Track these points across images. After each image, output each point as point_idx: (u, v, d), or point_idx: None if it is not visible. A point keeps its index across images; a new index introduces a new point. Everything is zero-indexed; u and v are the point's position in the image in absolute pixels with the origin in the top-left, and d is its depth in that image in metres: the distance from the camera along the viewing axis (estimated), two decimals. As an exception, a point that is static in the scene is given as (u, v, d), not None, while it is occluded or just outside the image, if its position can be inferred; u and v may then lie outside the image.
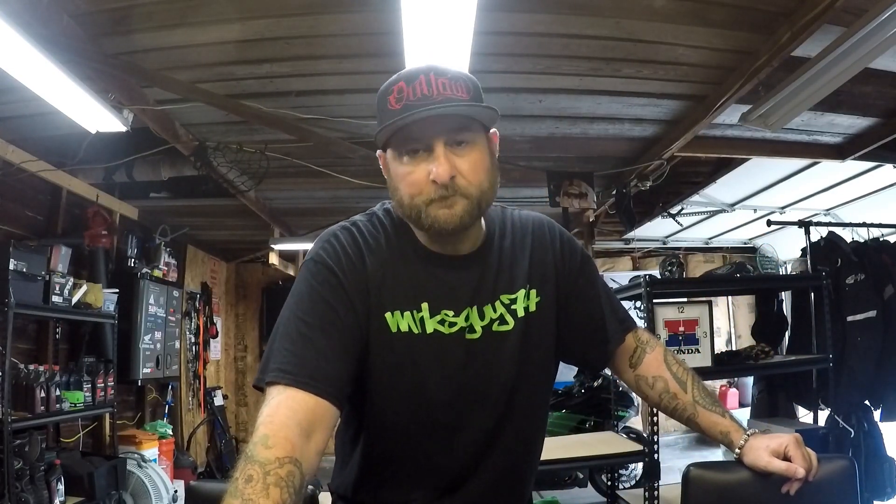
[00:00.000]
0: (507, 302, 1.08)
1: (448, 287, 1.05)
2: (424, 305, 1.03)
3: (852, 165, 3.96)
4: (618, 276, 6.15)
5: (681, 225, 5.53)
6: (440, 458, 1.06)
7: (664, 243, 6.86)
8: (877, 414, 3.45)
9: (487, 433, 1.07)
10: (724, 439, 1.14)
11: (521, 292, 1.10)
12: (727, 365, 3.29)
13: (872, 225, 3.74)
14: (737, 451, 1.11)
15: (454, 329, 1.04)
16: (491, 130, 1.06)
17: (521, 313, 1.09)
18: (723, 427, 1.14)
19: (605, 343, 1.20)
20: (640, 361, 1.22)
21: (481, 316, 1.06)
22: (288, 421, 0.86)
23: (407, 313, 1.03)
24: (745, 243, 6.97)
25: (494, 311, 1.07)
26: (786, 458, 1.05)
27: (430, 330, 1.03)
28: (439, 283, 1.05)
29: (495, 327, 1.07)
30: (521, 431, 1.11)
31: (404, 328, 1.02)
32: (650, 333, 1.29)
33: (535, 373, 1.11)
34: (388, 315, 1.02)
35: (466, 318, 1.05)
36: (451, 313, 1.04)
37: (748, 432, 1.11)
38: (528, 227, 1.16)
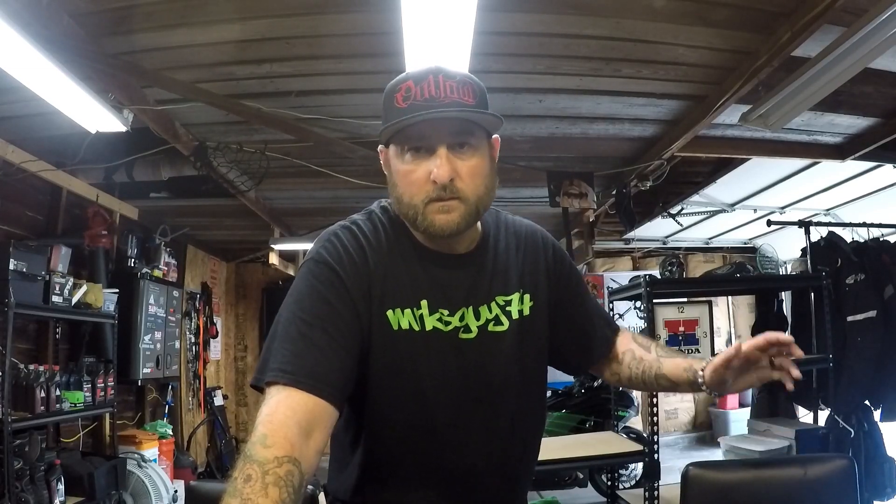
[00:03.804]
0: (502, 303, 1.09)
1: (444, 286, 1.06)
2: (424, 303, 1.04)
3: (852, 165, 3.96)
4: (618, 276, 6.16)
5: (681, 225, 5.53)
6: (440, 458, 1.06)
7: (664, 243, 6.85)
8: (877, 414, 3.45)
9: (485, 433, 1.07)
10: (689, 374, 1.12)
11: (516, 295, 1.11)
12: (727, 365, 3.28)
13: (872, 225, 3.74)
14: (700, 376, 1.09)
15: (449, 328, 1.05)
16: (493, 136, 1.07)
17: (515, 315, 1.10)
18: (685, 364, 1.14)
19: (591, 348, 1.24)
20: (612, 347, 1.26)
21: (477, 316, 1.07)
22: (287, 420, 0.86)
23: (408, 311, 1.03)
24: (745, 243, 6.97)
25: (490, 311, 1.08)
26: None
27: (429, 327, 1.04)
28: (436, 281, 1.06)
29: (491, 328, 1.07)
30: (518, 431, 1.11)
31: (405, 325, 1.03)
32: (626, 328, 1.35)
33: (531, 373, 1.12)
34: (389, 312, 1.02)
35: (461, 318, 1.06)
36: (446, 312, 1.05)
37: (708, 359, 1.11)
38: (522, 233, 1.18)
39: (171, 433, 5.03)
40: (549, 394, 5.34)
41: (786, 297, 4.01)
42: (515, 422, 1.10)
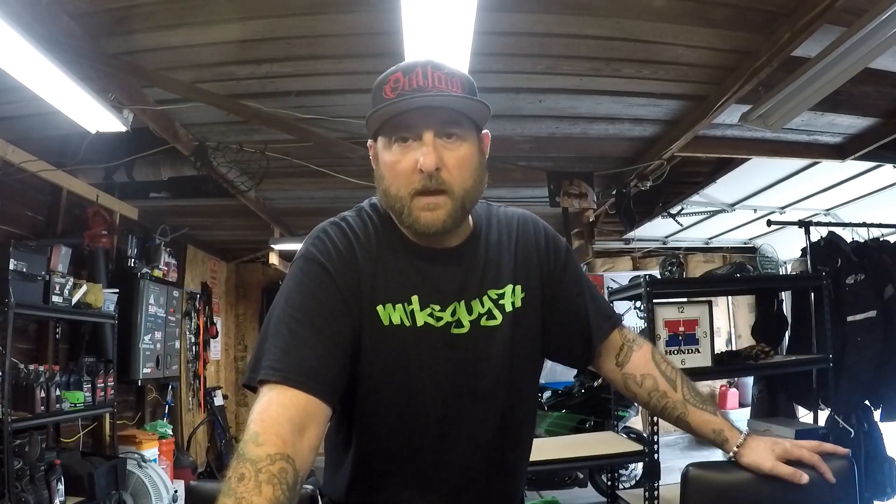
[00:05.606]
0: (494, 297, 1.08)
1: (435, 281, 1.05)
2: (414, 298, 1.03)
3: (852, 165, 3.96)
4: (618, 276, 6.16)
5: (681, 225, 5.53)
6: (432, 455, 1.06)
7: (664, 243, 6.86)
8: (877, 414, 3.44)
9: (478, 429, 1.06)
10: (716, 438, 1.12)
11: (508, 287, 1.09)
12: (727, 365, 3.28)
13: (872, 225, 3.73)
14: (734, 449, 1.09)
15: (441, 323, 1.04)
16: (483, 131, 1.07)
17: (508, 308, 1.09)
18: (715, 425, 1.13)
19: (590, 338, 1.18)
20: (628, 359, 1.20)
21: (469, 310, 1.06)
22: (279, 417, 0.85)
23: (399, 306, 1.02)
24: (745, 243, 6.97)
25: (482, 305, 1.07)
26: (791, 463, 1.05)
27: (420, 323, 1.03)
28: (427, 277, 1.05)
29: (483, 322, 1.07)
30: (510, 426, 1.10)
31: (396, 321, 1.02)
32: (636, 333, 1.27)
33: (523, 368, 1.11)
34: (380, 308, 1.02)
35: (453, 313, 1.05)
36: (437, 307, 1.04)
37: (743, 432, 1.10)
38: (514, 224, 1.16)
39: (171, 433, 5.04)
40: (549, 394, 5.34)
41: (786, 297, 4.00)
42: (507, 416, 1.09)
